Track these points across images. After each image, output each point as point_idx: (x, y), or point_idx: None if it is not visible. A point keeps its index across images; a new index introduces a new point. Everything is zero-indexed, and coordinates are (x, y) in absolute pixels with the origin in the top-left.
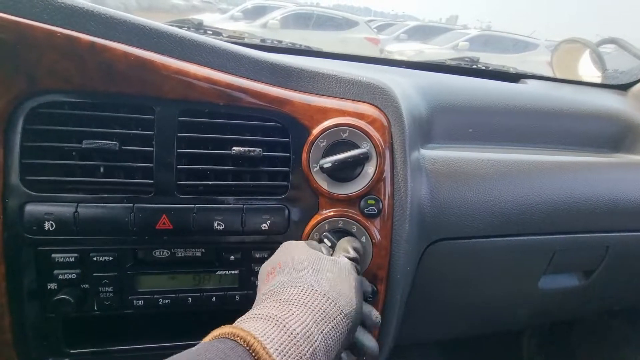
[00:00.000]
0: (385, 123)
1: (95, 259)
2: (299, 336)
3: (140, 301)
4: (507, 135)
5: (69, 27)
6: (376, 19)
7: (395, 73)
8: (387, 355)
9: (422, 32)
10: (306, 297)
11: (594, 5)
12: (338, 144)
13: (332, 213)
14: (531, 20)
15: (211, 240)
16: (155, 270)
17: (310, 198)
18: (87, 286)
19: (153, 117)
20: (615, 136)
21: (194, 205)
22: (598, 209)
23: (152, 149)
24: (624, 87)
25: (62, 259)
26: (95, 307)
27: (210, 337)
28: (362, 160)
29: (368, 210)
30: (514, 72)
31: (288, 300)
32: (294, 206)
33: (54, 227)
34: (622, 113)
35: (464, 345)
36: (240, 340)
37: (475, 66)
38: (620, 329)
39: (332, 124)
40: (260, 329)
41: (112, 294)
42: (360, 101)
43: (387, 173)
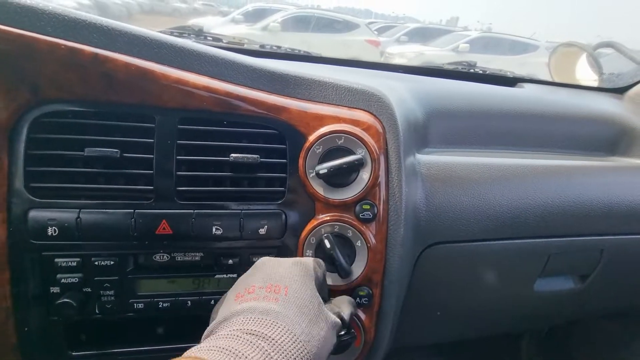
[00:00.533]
0: (380, 130)
1: (97, 263)
2: None
3: (140, 304)
4: (503, 140)
5: (72, 39)
6: (377, 21)
7: (393, 78)
8: (383, 358)
9: (423, 34)
10: (297, 352)
11: (594, 6)
12: (334, 150)
13: (328, 218)
14: (532, 21)
15: (210, 245)
16: (156, 274)
17: (306, 203)
18: (89, 290)
19: (153, 125)
20: (610, 139)
21: (193, 211)
22: (593, 212)
23: (152, 156)
24: (620, 91)
25: (65, 263)
26: (97, 311)
27: None
28: (357, 166)
29: (363, 215)
30: (511, 76)
31: (276, 342)
32: (291, 211)
33: (57, 232)
34: (617, 116)
35: (462, 347)
36: None
37: (472, 70)
38: (617, 332)
39: (328, 130)
40: None
41: (113, 298)
42: (356, 108)
43: (381, 178)
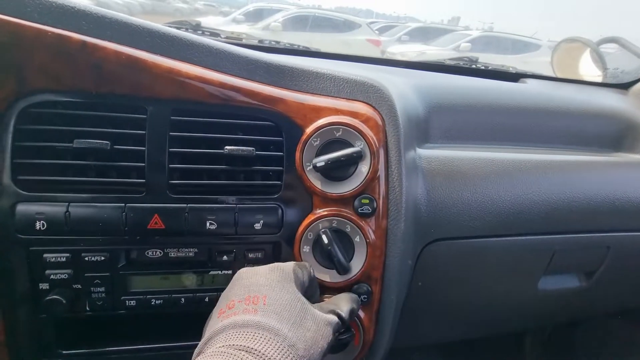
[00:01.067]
0: (380, 122)
1: (87, 259)
2: None
3: (132, 302)
4: (506, 135)
5: (60, 26)
6: (378, 20)
7: (393, 73)
8: (384, 358)
9: (424, 34)
10: (282, 357)
11: (596, 5)
12: (332, 142)
13: (326, 212)
14: (533, 20)
15: (204, 241)
16: (148, 270)
17: (304, 197)
18: (79, 286)
19: (145, 116)
20: (615, 135)
21: (186, 205)
22: (598, 208)
23: (144, 148)
24: (625, 86)
25: (54, 259)
26: (88, 308)
27: None
28: (356, 159)
29: (362, 209)
30: (513, 72)
31: (260, 352)
32: (288, 205)
33: (45, 226)
34: (623, 112)
35: (464, 347)
36: None
37: (474, 66)
38: (624, 331)
39: (326, 122)
40: None
41: (104, 295)
42: (355, 100)
43: (381, 172)
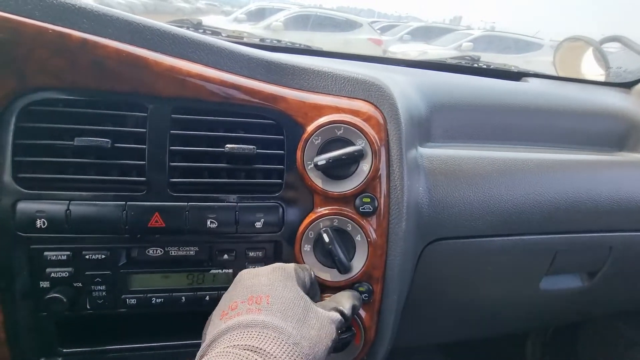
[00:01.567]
0: (381, 120)
1: (87, 257)
2: None
3: (133, 300)
4: (508, 134)
5: (60, 23)
6: (379, 20)
7: (395, 71)
8: (385, 358)
9: (426, 33)
10: (287, 355)
11: (598, 5)
12: (333, 141)
13: (327, 211)
14: (535, 20)
15: (204, 239)
16: (149, 269)
17: (305, 196)
18: (80, 285)
19: (146, 114)
20: (619, 134)
21: (186, 204)
22: (601, 208)
23: (144, 146)
24: (628, 85)
25: (55, 257)
26: (88, 306)
27: None
28: (357, 157)
29: (363, 208)
30: (515, 71)
31: (266, 351)
32: (289, 204)
33: (45, 225)
34: (626, 111)
35: (466, 348)
36: None
37: (476, 65)
38: (626, 332)
39: (327, 121)
40: None
41: (104, 293)
42: (356, 98)
43: (382, 171)
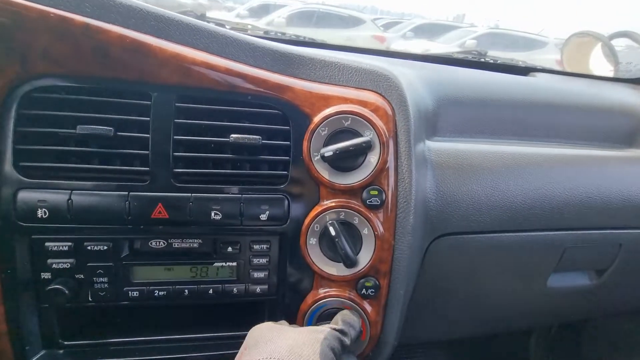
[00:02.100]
0: (390, 112)
1: (89, 248)
2: None
3: (135, 292)
4: (516, 129)
5: (63, 7)
6: (382, 17)
7: (401, 65)
8: (391, 354)
9: (429, 30)
10: None
11: (602, 4)
12: (340, 132)
13: (334, 204)
14: (539, 17)
15: (208, 231)
16: (151, 261)
17: (311, 188)
18: (82, 276)
19: (149, 102)
20: (628, 131)
21: (190, 194)
22: (611, 204)
23: (148, 135)
24: (637, 81)
25: (56, 247)
26: (90, 298)
27: None
28: (365, 149)
29: (370, 201)
30: (523, 66)
31: None
32: (294, 196)
33: (47, 214)
34: (636, 107)
35: (470, 346)
36: None
37: (483, 59)
38: (634, 332)
39: (334, 111)
40: None
41: (106, 285)
42: (364, 89)
43: (390, 163)
